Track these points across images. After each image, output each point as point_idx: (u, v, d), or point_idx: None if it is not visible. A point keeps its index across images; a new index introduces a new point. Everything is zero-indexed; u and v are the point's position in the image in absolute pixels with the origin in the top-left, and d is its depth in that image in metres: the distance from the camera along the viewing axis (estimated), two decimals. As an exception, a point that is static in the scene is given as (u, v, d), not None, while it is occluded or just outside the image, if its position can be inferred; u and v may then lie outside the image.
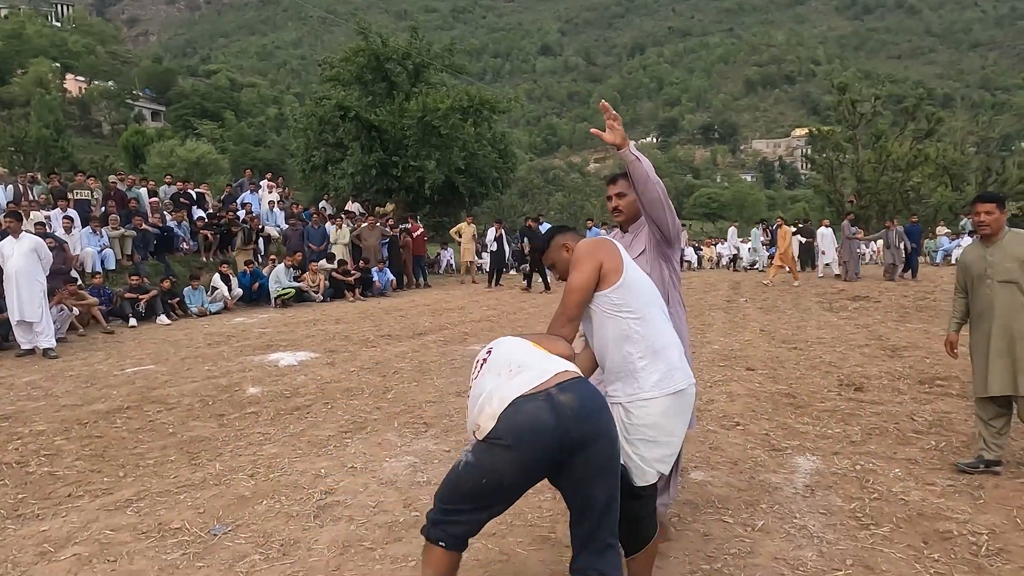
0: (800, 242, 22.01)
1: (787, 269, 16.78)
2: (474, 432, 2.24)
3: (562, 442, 2.12)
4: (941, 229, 25.37)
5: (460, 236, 17.53)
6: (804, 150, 35.47)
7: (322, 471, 4.17)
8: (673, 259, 3.20)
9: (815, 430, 4.87)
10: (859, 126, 31.83)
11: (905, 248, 16.83)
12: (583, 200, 48.49)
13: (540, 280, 15.19)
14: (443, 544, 2.26)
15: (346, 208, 18.36)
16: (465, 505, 2.25)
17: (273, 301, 12.54)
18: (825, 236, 18.03)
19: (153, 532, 3.38)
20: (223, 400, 5.90)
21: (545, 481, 2.34)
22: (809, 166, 36.38)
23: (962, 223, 24.25)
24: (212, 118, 69.53)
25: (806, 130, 36.67)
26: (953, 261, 20.87)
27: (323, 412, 5.49)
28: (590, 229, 16.38)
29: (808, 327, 9.58)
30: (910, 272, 16.98)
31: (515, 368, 2.26)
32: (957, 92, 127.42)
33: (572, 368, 2.30)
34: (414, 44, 22.06)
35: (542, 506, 3.64)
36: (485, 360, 2.40)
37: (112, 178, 14.99)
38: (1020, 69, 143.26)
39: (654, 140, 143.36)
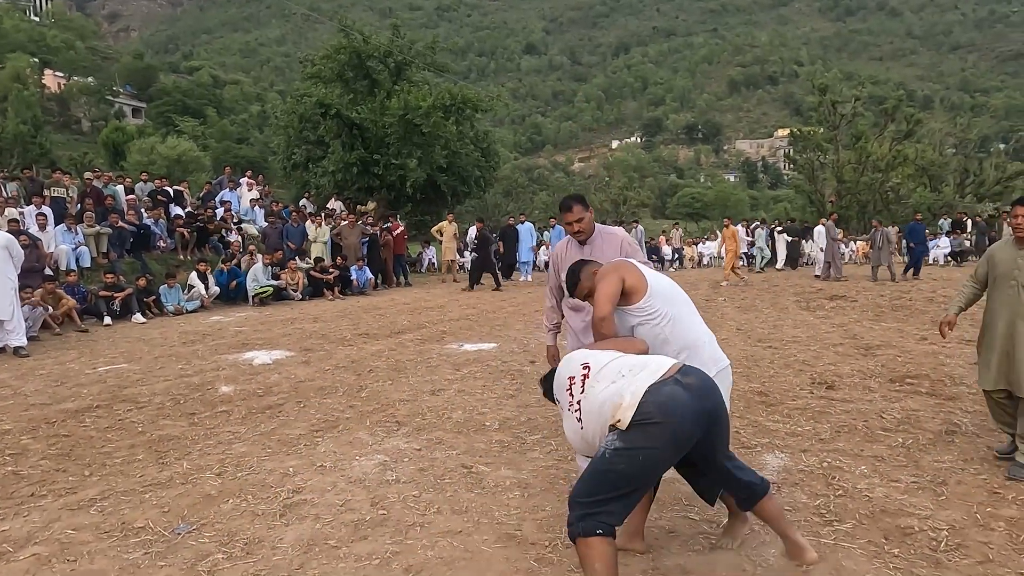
0: (787, 241, 22.22)
1: (731, 268, 16.65)
2: (614, 426, 2.48)
3: (698, 415, 2.48)
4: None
5: (441, 235, 17.48)
6: (787, 150, 35.64)
7: (291, 470, 4.15)
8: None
9: (785, 428, 4.90)
10: (839, 127, 32.17)
11: (910, 247, 16.90)
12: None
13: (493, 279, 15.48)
14: (601, 532, 2.43)
15: (327, 206, 18.28)
16: (615, 492, 2.45)
17: (251, 299, 12.46)
18: (821, 234, 17.99)
19: (116, 531, 3.34)
20: (195, 399, 5.86)
21: (512, 476, 2.36)
22: (791, 166, 36.61)
23: (939, 223, 24.56)
24: (194, 115, 68.87)
25: (789, 130, 36.91)
26: (931, 261, 21.14)
27: (295, 411, 5.46)
28: (553, 227, 16.42)
29: (784, 326, 9.65)
30: (912, 271, 16.59)
31: (633, 369, 2.59)
32: (937, 94, 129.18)
33: (678, 362, 2.67)
34: (396, 42, 21.99)
35: (510, 504, 3.64)
36: (586, 376, 2.67)
37: (88, 175, 14.81)
38: (999, 71, 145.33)
39: (638, 140, 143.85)
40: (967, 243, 21.82)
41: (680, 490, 3.83)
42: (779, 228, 22.94)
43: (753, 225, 26.31)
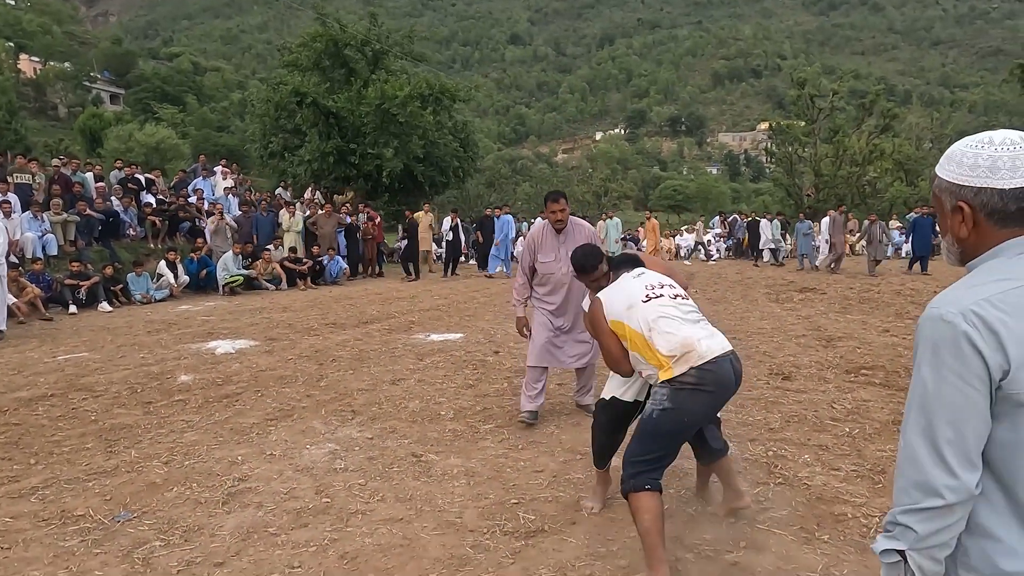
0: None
1: None
2: (666, 381, 2.71)
3: (729, 395, 2.83)
4: (894, 223, 25.88)
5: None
6: (767, 144, 35.83)
7: (239, 458, 4.15)
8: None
9: (737, 418, 4.95)
10: (817, 120, 32.34)
11: (914, 243, 16.87)
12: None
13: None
14: (649, 487, 2.64)
15: (304, 196, 18.17)
16: (662, 450, 2.72)
17: (221, 288, 12.37)
18: (824, 225, 17.94)
19: (55, 519, 3.33)
20: (152, 388, 5.83)
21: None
22: (771, 159, 36.83)
23: (908, 216, 24.77)
24: (173, 102, 67.99)
25: (769, 124, 37.15)
26: (903, 255, 21.36)
27: (252, 400, 5.45)
28: (498, 218, 16.42)
29: (751, 318, 9.74)
30: (919, 265, 16.10)
31: (708, 329, 2.85)
32: (917, 88, 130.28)
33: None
34: (373, 31, 21.83)
35: (454, 492, 3.67)
36: (661, 296, 2.92)
37: (56, 162, 14.60)
38: (978, 67, 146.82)
39: (622, 131, 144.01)
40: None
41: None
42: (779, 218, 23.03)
43: (731, 218, 26.51)
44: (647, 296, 2.90)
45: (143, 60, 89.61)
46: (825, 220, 17.90)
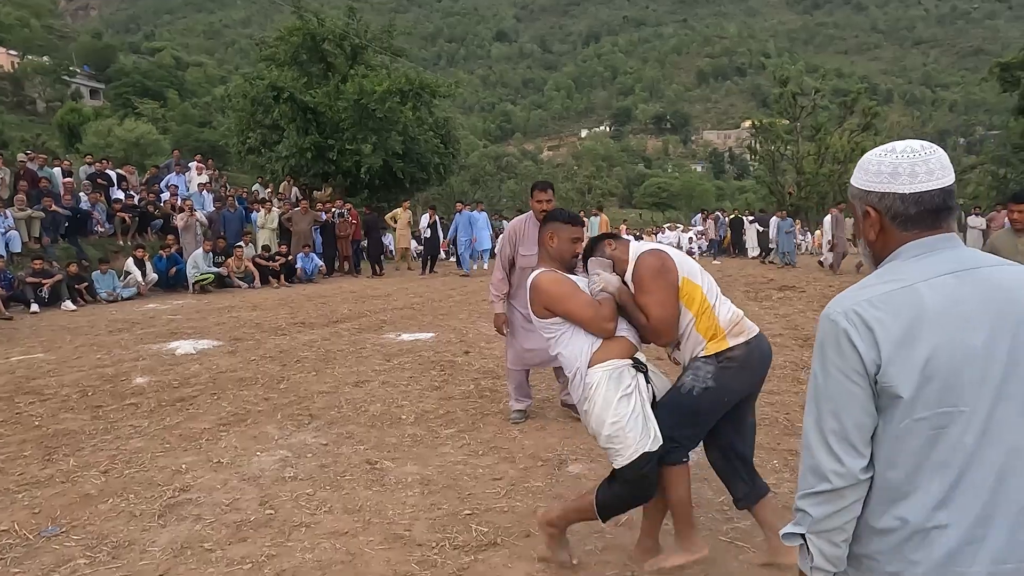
0: (757, 231, 22.32)
1: None
2: (719, 354, 2.58)
3: (765, 374, 2.74)
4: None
5: (396, 222, 17.21)
6: (750, 142, 35.90)
7: (183, 467, 3.95)
8: None
9: (707, 420, 4.82)
10: (799, 118, 32.43)
11: None
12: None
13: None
14: (686, 460, 2.63)
15: (279, 190, 17.89)
16: (700, 427, 2.66)
17: (191, 287, 12.10)
18: (826, 224, 17.60)
19: (-25, 535, 3.13)
20: (105, 391, 5.61)
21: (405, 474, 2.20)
22: (753, 157, 36.91)
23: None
24: (154, 97, 67.12)
25: (751, 122, 37.17)
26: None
27: (207, 403, 5.25)
28: (460, 212, 16.24)
29: (729, 316, 9.62)
30: None
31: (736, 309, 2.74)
32: (899, 88, 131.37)
33: None
34: (351, 25, 21.53)
35: (407, 502, 3.50)
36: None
37: (22, 156, 14.24)
38: (959, 67, 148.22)
39: (607, 129, 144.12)
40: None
41: (588, 487, 3.72)
42: (751, 218, 22.90)
43: (714, 214, 26.45)
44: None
45: (124, 54, 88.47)
46: (827, 218, 17.31)
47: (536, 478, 3.82)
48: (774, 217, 20.34)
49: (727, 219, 24.87)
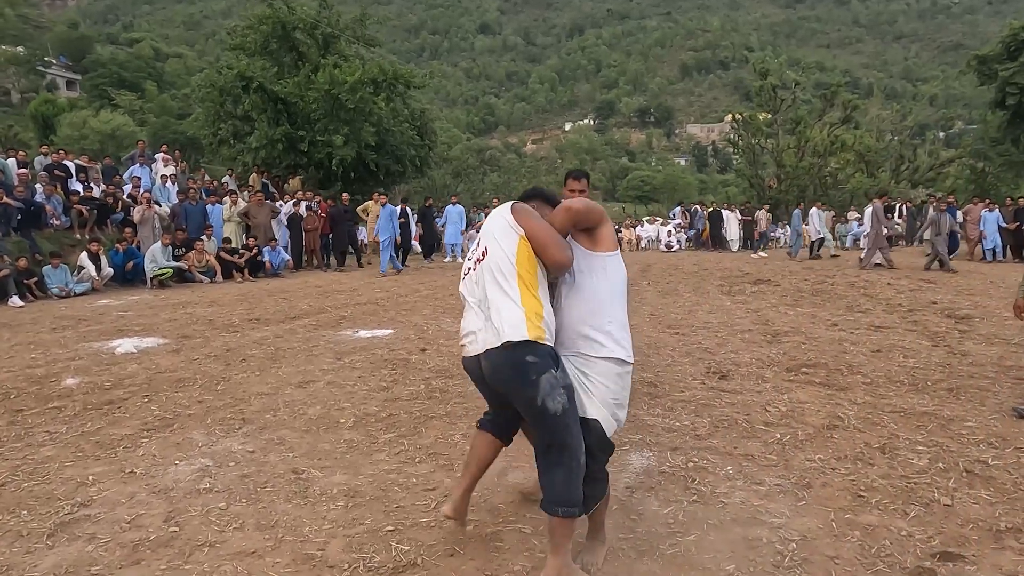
0: (738, 221, 22.29)
1: None
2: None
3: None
4: (852, 214, 25.91)
5: (367, 214, 16.85)
6: (730, 135, 35.81)
7: (91, 478, 3.65)
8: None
9: (663, 423, 4.58)
10: (779, 111, 32.36)
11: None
12: (517, 181, 48.01)
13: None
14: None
15: (250, 183, 17.47)
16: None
17: (149, 282, 11.70)
18: (866, 217, 17.11)
19: None
20: (30, 393, 5.27)
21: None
22: (733, 150, 36.83)
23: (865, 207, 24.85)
24: (132, 88, 66.16)
25: (732, 115, 37.09)
26: (861, 245, 21.31)
27: (135, 407, 4.93)
28: (453, 205, 16.11)
29: (699, 311, 9.41)
30: (938, 263, 14.37)
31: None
32: (880, 81, 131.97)
33: None
34: (323, 14, 21.07)
35: (327, 516, 3.22)
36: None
37: (-26, 147, 13.77)
38: (939, 61, 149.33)
39: (591, 122, 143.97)
40: (897, 227, 22.09)
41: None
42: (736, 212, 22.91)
43: (693, 208, 26.29)
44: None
45: (101, 45, 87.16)
46: (868, 210, 16.08)
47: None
48: (814, 208, 20.05)
49: (705, 212, 24.71)
